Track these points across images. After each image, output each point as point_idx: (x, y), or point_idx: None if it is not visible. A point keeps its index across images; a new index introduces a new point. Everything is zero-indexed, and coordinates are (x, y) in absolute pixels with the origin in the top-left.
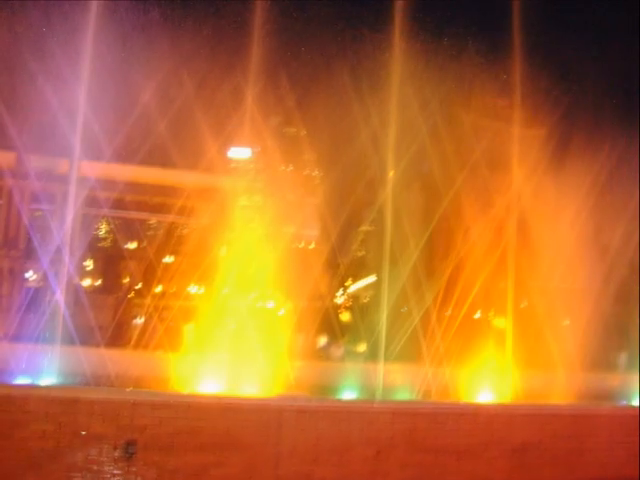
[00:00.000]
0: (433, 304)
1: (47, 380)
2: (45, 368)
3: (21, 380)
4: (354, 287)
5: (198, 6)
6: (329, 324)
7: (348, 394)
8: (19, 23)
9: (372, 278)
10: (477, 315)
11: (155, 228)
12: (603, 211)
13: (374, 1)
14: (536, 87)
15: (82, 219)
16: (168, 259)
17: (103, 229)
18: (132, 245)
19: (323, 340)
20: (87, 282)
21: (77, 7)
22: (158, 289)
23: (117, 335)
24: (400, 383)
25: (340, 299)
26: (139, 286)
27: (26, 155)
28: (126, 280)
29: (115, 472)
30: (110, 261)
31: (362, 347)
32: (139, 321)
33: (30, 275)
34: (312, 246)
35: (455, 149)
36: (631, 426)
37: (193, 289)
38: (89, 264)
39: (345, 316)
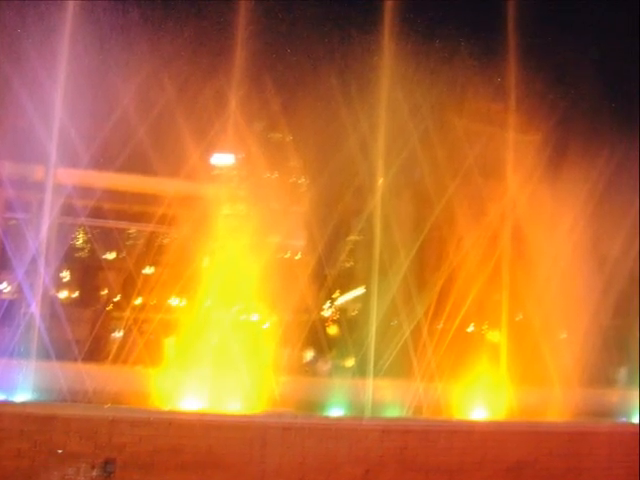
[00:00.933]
0: (424, 317)
1: (22, 396)
2: (20, 384)
3: None
4: (342, 299)
5: (179, 6)
6: (316, 338)
7: (336, 411)
8: None
9: (361, 290)
10: (470, 328)
11: (135, 238)
12: (602, 220)
13: (363, 1)
14: (531, 91)
15: (58, 228)
16: (148, 270)
17: (80, 239)
18: (111, 255)
19: (309, 355)
20: (64, 294)
21: (53, 7)
22: (138, 301)
23: (95, 349)
24: (390, 399)
25: (327, 312)
26: (118, 298)
27: None
28: (104, 292)
29: None
30: (88, 272)
31: (350, 362)
32: (118, 335)
33: (4, 287)
34: (298, 257)
35: (447, 155)
36: (631, 444)
37: (174, 301)
38: (66, 275)
39: (332, 330)
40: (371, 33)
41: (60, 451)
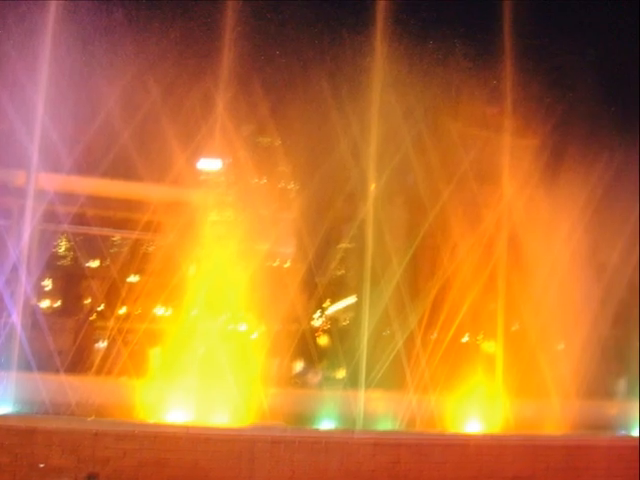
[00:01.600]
0: (418, 327)
1: (2, 409)
2: (0, 396)
3: None
4: (333, 309)
5: (165, 7)
6: (306, 348)
7: (326, 424)
8: None
9: (352, 299)
10: (465, 339)
11: (119, 245)
12: (600, 227)
13: (354, 1)
14: (528, 94)
15: (40, 235)
16: (133, 278)
17: (63, 246)
18: (94, 263)
19: (299, 366)
20: (45, 303)
21: (34, 7)
22: (122, 311)
23: (78, 360)
24: (382, 412)
25: (318, 321)
26: (101, 307)
27: None
28: (88, 301)
29: None
30: (70, 281)
31: (341, 373)
32: (102, 345)
33: None
34: (287, 265)
35: (441, 160)
36: (631, 458)
37: (160, 311)
38: (48, 284)
39: (323, 340)
40: (363, 34)
41: (42, 465)
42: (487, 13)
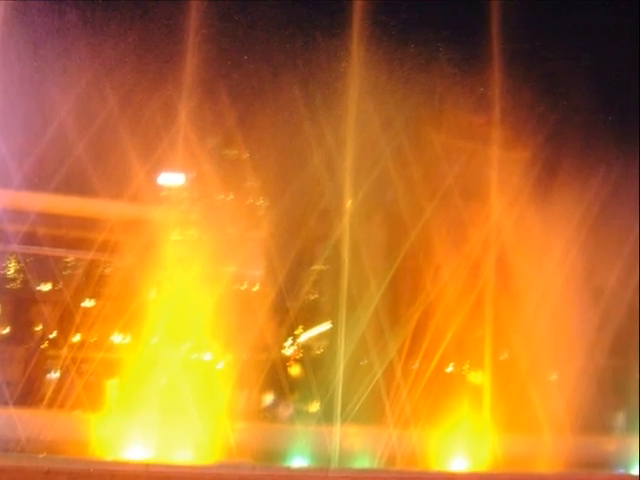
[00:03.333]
0: (398, 356)
1: None
2: None
3: None
4: (305, 336)
5: (123, 7)
6: (276, 379)
7: (298, 461)
8: None
9: (326, 325)
10: (450, 369)
11: (73, 267)
12: (597, 247)
13: (329, 1)
14: (518, 102)
15: None
16: (88, 303)
17: (12, 268)
18: (46, 287)
19: (269, 398)
20: None
21: None
22: (76, 338)
23: (28, 392)
24: (359, 448)
25: (289, 350)
26: (54, 335)
27: None
28: (39, 328)
29: None
30: (20, 305)
31: (315, 406)
32: (54, 376)
33: None
34: (256, 288)
35: (424, 175)
36: None
37: (117, 338)
38: None
39: (295, 370)
40: (338, 37)
41: None
42: (473, 14)
